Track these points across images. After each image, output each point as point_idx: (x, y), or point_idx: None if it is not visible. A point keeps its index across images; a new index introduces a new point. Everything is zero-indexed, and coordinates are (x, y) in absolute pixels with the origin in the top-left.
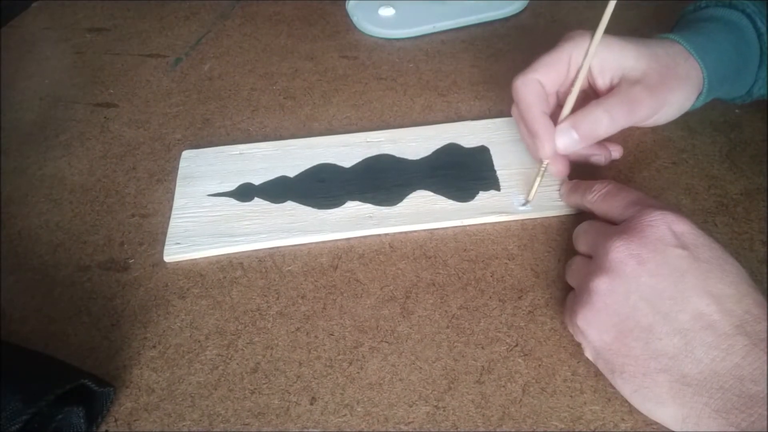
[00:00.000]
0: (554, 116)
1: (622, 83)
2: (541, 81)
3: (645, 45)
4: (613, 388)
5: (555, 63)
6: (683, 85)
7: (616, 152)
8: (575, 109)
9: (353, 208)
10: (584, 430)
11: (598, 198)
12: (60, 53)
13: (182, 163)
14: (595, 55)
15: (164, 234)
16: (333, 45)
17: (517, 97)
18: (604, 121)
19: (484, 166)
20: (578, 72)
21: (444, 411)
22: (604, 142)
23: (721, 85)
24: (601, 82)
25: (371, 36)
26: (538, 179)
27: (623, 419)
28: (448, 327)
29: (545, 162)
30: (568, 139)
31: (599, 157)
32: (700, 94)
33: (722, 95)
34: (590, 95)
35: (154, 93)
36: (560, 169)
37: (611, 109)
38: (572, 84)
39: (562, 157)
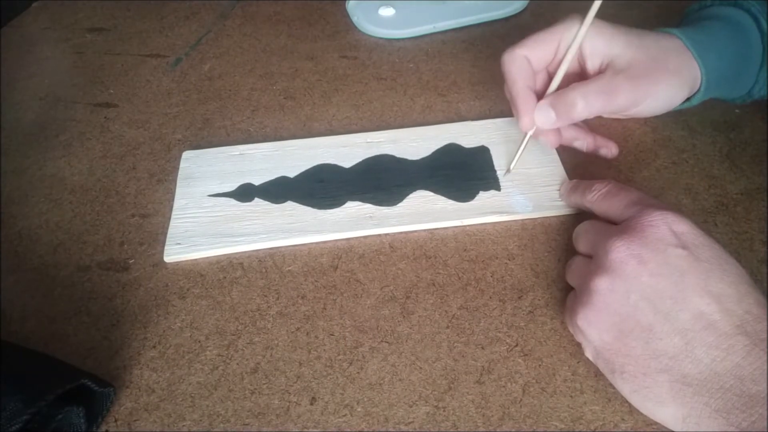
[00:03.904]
0: (543, 94)
1: (607, 70)
2: (528, 57)
3: (636, 35)
4: (613, 388)
5: (544, 42)
6: (671, 80)
7: (606, 150)
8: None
9: (353, 208)
10: (584, 430)
11: (598, 197)
12: (60, 53)
13: (183, 164)
14: (586, 39)
15: (164, 234)
16: (333, 45)
17: (504, 70)
18: (579, 104)
19: (485, 166)
20: (566, 53)
21: (444, 411)
22: (594, 134)
23: (720, 85)
24: (591, 66)
25: (371, 36)
26: (520, 150)
27: (623, 419)
28: (448, 327)
29: (528, 134)
30: (546, 117)
31: (581, 143)
32: (697, 91)
33: (721, 95)
34: (583, 77)
35: (154, 93)
36: (551, 139)
37: (588, 94)
38: (559, 64)
39: (551, 129)
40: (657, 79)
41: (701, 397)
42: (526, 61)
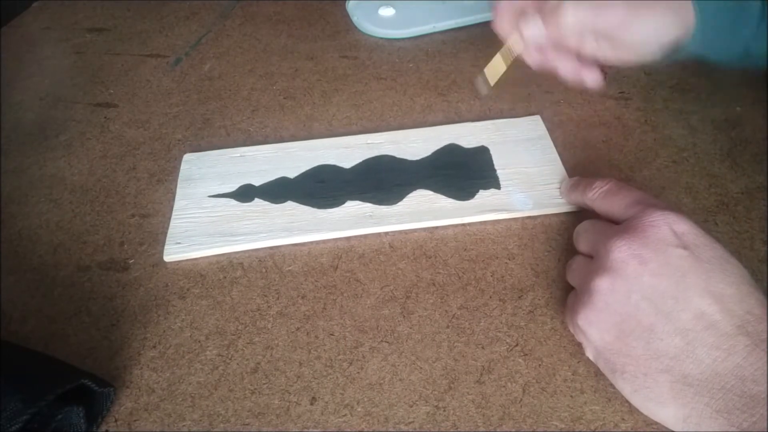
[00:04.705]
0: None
1: None
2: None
3: None
4: (614, 388)
5: None
6: (664, 10)
7: (591, 78)
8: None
9: (353, 207)
10: (584, 430)
11: (599, 195)
12: (60, 53)
13: (183, 166)
14: None
15: (164, 234)
16: (333, 45)
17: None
18: (569, 12)
19: (485, 165)
20: None
21: (444, 411)
22: (581, 63)
23: (714, 36)
24: None
25: (371, 36)
26: (498, 57)
27: (623, 419)
28: (448, 327)
29: (509, 42)
30: (534, 27)
31: (565, 67)
32: (688, 35)
33: (716, 51)
34: None
35: (154, 93)
36: (534, 59)
37: (579, 5)
38: None
39: (532, 48)
40: (649, 5)
41: (702, 398)
42: None
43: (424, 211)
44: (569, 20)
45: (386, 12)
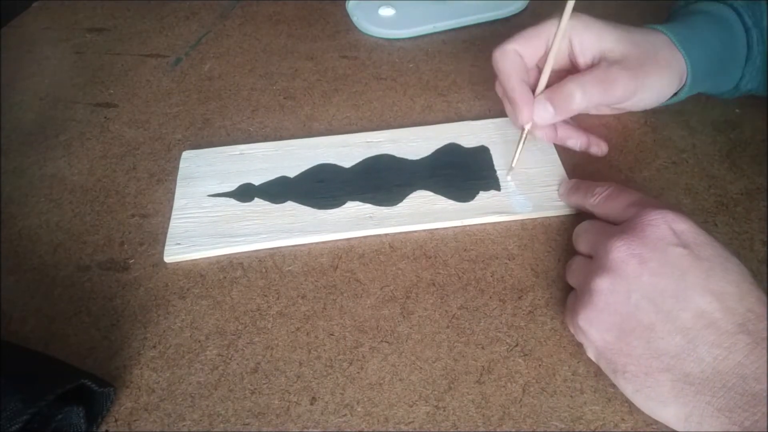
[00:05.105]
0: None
1: (601, 62)
2: (519, 52)
3: (626, 30)
4: (614, 387)
5: (534, 37)
6: (662, 72)
7: (596, 148)
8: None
9: (353, 208)
10: (584, 430)
11: (599, 200)
12: (60, 53)
13: (182, 164)
14: (576, 35)
15: (164, 234)
16: (333, 45)
17: (497, 67)
18: (577, 96)
19: (485, 165)
20: (551, 45)
21: (444, 411)
22: (587, 132)
23: (706, 78)
24: (582, 62)
25: (371, 36)
26: (520, 146)
27: (623, 419)
28: (448, 327)
29: (526, 128)
30: (545, 112)
31: (575, 141)
32: (684, 85)
33: (709, 89)
34: (574, 74)
35: (154, 93)
36: (547, 134)
37: (585, 84)
38: (546, 57)
39: (545, 128)
40: (649, 72)
41: (703, 396)
42: (518, 55)
43: (425, 212)
44: (578, 102)
45: (386, 12)
